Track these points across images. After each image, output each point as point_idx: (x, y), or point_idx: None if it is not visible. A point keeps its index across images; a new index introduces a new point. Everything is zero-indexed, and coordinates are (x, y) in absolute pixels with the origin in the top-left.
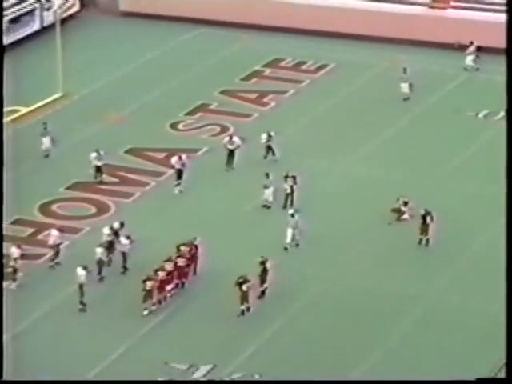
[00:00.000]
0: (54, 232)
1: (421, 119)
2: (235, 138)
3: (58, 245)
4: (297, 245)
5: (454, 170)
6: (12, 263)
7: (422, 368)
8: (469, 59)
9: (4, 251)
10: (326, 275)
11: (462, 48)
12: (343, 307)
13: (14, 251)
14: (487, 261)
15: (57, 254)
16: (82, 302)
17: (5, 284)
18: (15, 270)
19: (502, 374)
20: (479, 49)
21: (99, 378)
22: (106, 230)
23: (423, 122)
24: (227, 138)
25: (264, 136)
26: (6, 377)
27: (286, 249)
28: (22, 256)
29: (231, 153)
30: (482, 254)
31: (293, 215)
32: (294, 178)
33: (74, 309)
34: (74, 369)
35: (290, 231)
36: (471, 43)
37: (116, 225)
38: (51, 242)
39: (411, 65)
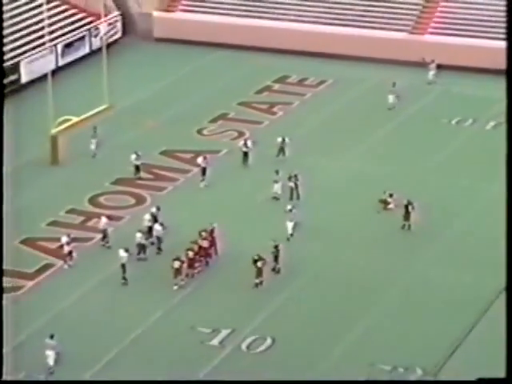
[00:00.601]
0: (104, 219)
1: (404, 125)
2: (249, 142)
3: (106, 229)
4: (291, 235)
5: (433, 166)
6: (64, 248)
7: (405, 329)
8: (431, 74)
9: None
10: (325, 256)
11: (426, 64)
12: (340, 282)
13: (63, 238)
14: (461, 242)
15: (105, 237)
16: (124, 278)
17: (66, 266)
18: (69, 253)
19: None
20: (439, 66)
21: (138, 340)
22: (147, 216)
23: (406, 127)
24: (242, 142)
25: (279, 139)
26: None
27: (288, 239)
28: (69, 243)
29: (245, 154)
30: (457, 236)
31: (291, 210)
32: (295, 176)
33: (118, 283)
34: (118, 331)
35: (288, 224)
36: (432, 61)
37: (154, 209)
38: (101, 226)
39: (396, 80)
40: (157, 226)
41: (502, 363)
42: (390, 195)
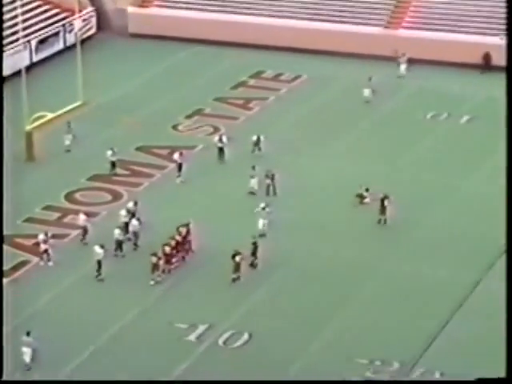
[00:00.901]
0: (82, 216)
1: (380, 120)
2: (224, 138)
3: (86, 226)
4: (262, 234)
5: (408, 161)
6: (41, 246)
7: (382, 323)
8: (402, 68)
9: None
10: (302, 250)
11: (397, 57)
12: (317, 276)
13: (40, 236)
14: (436, 237)
15: (85, 234)
16: (99, 274)
17: (41, 263)
18: (45, 251)
19: (499, 360)
20: (412, 60)
21: (116, 337)
22: (123, 212)
23: (382, 122)
24: (217, 138)
25: (254, 138)
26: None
27: (260, 236)
28: (45, 241)
29: (221, 150)
30: (432, 231)
31: (264, 208)
32: (272, 175)
33: (94, 280)
34: (95, 328)
35: (261, 221)
36: (403, 54)
37: (130, 204)
38: (80, 223)
39: (372, 75)
40: (134, 222)
41: (475, 356)
42: (366, 190)
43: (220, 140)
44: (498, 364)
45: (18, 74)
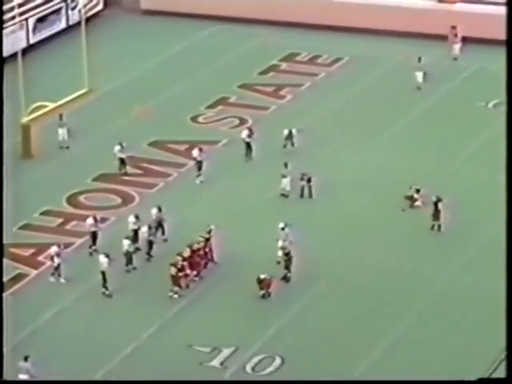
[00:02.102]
0: (90, 220)
1: (433, 109)
2: (253, 132)
3: (94, 232)
4: (288, 255)
5: (465, 157)
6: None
7: (437, 343)
8: (456, 48)
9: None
10: (345, 259)
11: (452, 36)
12: (361, 290)
13: (52, 248)
14: (497, 246)
15: (94, 240)
16: (105, 287)
17: (52, 279)
18: (58, 266)
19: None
20: (464, 39)
21: (125, 362)
22: (131, 219)
23: (436, 112)
24: (246, 132)
25: (286, 132)
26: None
27: (278, 262)
28: (59, 254)
29: (249, 146)
30: (493, 239)
31: (283, 228)
32: (309, 179)
33: (101, 294)
34: (104, 350)
35: (280, 243)
36: (456, 35)
37: (154, 211)
38: (87, 228)
39: (424, 56)
40: (143, 229)
41: None
42: (417, 191)
43: (249, 135)
44: None
45: (13, 57)
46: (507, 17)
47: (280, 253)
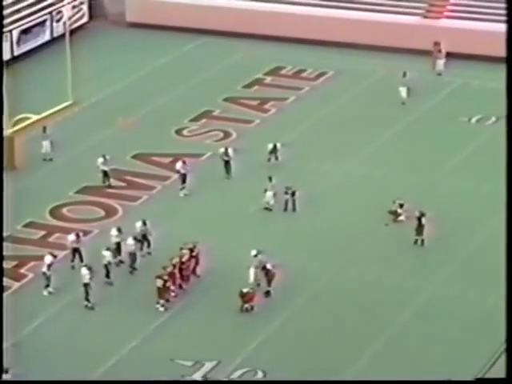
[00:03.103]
0: (72, 236)
1: (417, 123)
2: (230, 150)
3: (77, 248)
4: (258, 284)
5: (449, 171)
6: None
7: (421, 355)
8: (440, 64)
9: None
10: (327, 271)
11: (434, 52)
12: (344, 302)
13: (46, 258)
14: (482, 258)
15: (74, 256)
16: (87, 300)
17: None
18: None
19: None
20: (448, 55)
21: (107, 374)
22: (114, 232)
23: (419, 126)
24: (222, 150)
25: (270, 146)
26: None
27: (258, 285)
28: (50, 266)
29: (227, 163)
30: (476, 252)
31: (256, 255)
32: (293, 192)
33: (83, 307)
34: (85, 363)
35: (252, 271)
36: (440, 51)
37: (139, 224)
38: (69, 244)
39: (408, 71)
40: (129, 241)
41: None
42: (401, 205)
43: (226, 153)
44: None
45: None
46: (507, 33)
47: (252, 279)
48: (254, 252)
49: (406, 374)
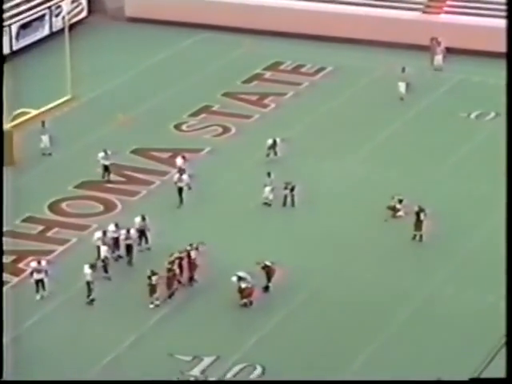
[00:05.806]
0: (33, 264)
1: (416, 120)
2: (185, 176)
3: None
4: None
5: (448, 169)
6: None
7: (419, 355)
8: (438, 59)
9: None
10: (326, 270)
11: (433, 46)
12: (343, 300)
13: (32, 264)
14: (480, 256)
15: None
16: (89, 297)
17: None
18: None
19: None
20: (448, 50)
21: (106, 370)
22: (111, 227)
23: (418, 122)
24: (177, 176)
25: (270, 141)
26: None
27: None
28: (39, 271)
29: (180, 190)
30: (476, 250)
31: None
32: (292, 187)
33: (83, 303)
34: (85, 358)
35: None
36: (439, 44)
37: (138, 219)
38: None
39: (407, 67)
40: (122, 231)
41: None
42: (400, 201)
43: (180, 178)
44: None
45: None
46: (507, 29)
47: (243, 285)
48: (241, 273)
49: (405, 372)
